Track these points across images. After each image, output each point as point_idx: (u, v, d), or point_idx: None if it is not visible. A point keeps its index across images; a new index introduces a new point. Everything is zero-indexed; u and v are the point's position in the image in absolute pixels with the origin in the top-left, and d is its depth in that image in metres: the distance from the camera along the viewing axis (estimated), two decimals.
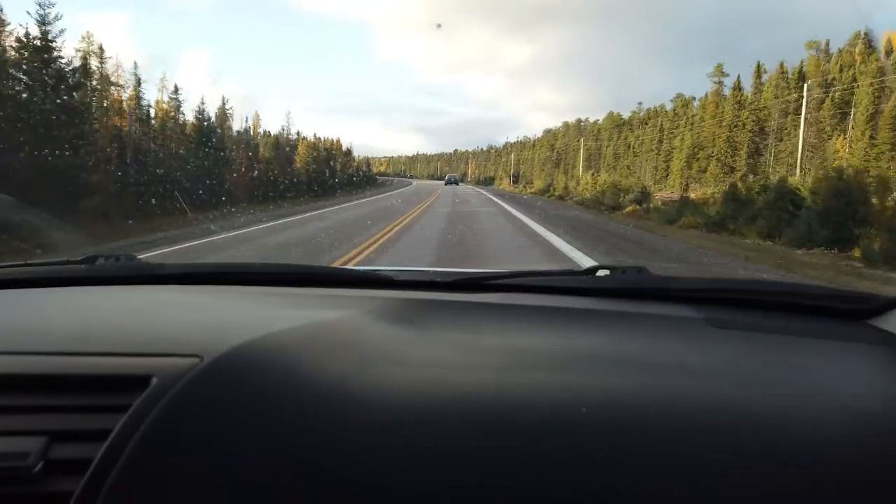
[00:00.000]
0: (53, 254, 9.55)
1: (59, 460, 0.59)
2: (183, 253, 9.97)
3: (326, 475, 0.56)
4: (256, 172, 30.94)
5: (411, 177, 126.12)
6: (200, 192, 21.55)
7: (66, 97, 18.96)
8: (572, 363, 0.78)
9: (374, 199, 32.50)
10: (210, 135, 29.16)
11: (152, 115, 28.95)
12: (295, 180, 34.92)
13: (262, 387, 0.65)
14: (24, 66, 18.49)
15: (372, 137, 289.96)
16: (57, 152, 16.36)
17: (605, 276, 1.21)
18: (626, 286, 1.17)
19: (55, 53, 18.79)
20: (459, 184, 71.16)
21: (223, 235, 12.57)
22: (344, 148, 61.85)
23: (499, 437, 0.59)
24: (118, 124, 24.48)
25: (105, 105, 25.33)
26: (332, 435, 0.60)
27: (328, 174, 43.57)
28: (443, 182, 69.51)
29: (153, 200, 17.97)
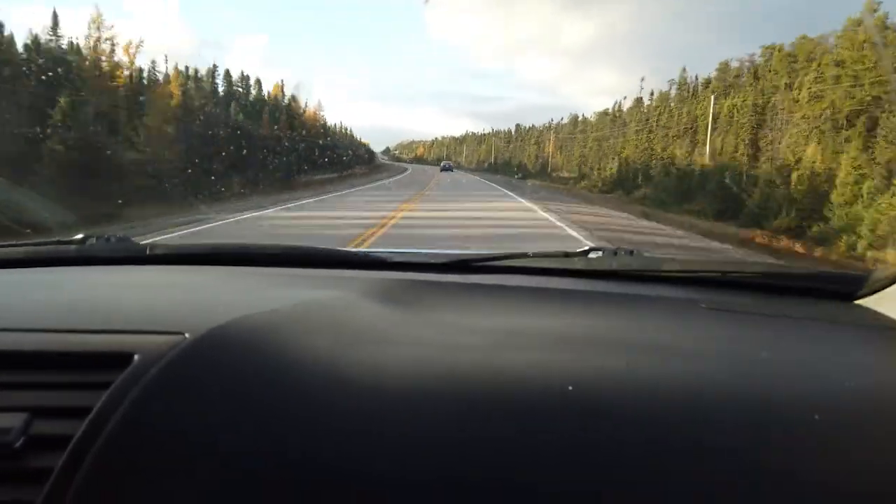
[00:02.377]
0: None
1: (40, 436, 0.59)
2: None
3: (309, 457, 0.56)
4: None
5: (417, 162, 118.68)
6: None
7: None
8: (563, 344, 0.78)
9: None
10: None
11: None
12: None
13: (246, 365, 0.65)
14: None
15: (426, 124, 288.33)
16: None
17: (598, 257, 1.21)
18: (618, 268, 1.17)
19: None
20: (453, 170, 71.31)
21: None
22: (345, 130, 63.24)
23: (488, 417, 0.59)
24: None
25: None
26: (317, 416, 0.59)
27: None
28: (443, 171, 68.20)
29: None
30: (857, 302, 1.01)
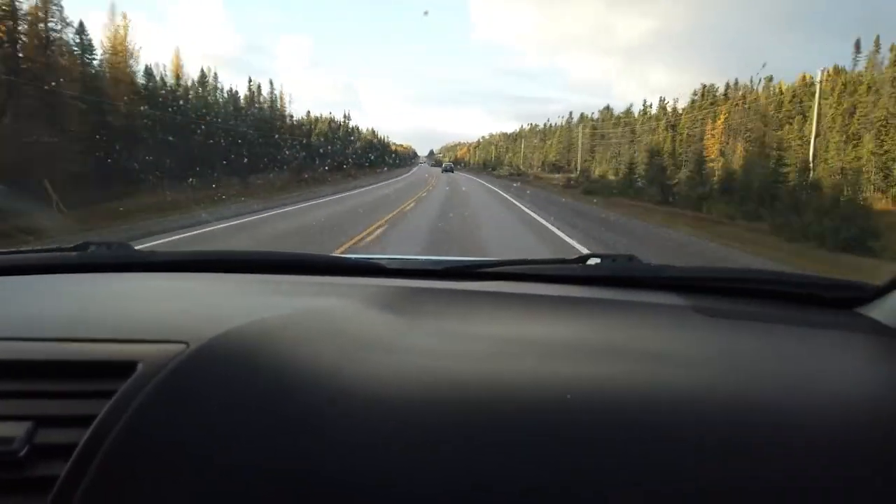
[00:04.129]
0: None
1: (44, 445, 0.59)
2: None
3: (310, 467, 0.56)
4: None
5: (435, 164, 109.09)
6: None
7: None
8: (563, 351, 0.78)
9: None
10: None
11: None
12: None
13: (248, 375, 0.65)
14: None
15: (471, 126, 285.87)
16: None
17: (596, 264, 1.21)
18: (616, 274, 1.17)
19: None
20: (453, 171, 70.67)
21: None
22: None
23: (488, 424, 0.60)
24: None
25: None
26: (317, 426, 0.59)
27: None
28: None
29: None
30: (856, 309, 1.00)
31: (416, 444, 0.58)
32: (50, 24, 21.04)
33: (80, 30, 23.27)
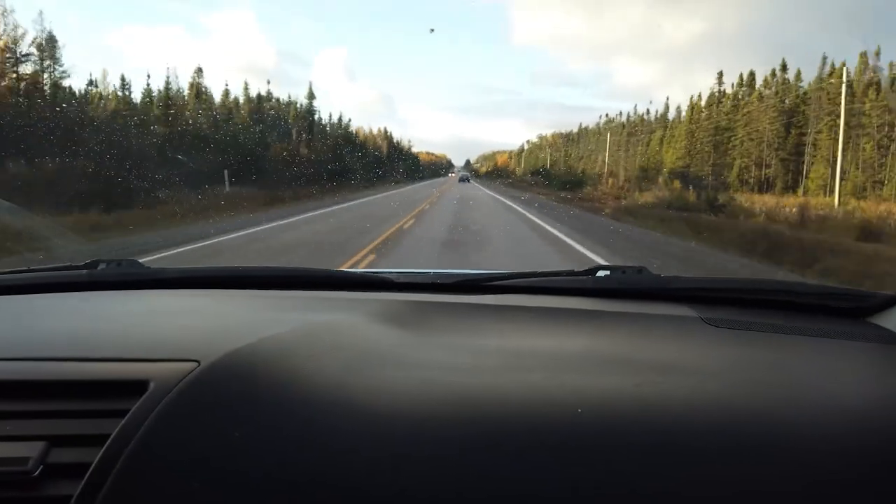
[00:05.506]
0: None
1: (57, 465, 0.59)
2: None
3: (320, 482, 0.56)
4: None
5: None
6: None
7: None
8: (571, 364, 0.78)
9: None
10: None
11: None
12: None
13: (258, 391, 0.66)
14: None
15: (510, 135, 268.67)
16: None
17: (605, 276, 1.19)
18: (626, 286, 1.16)
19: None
20: (469, 181, 70.49)
21: None
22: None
23: (498, 440, 0.59)
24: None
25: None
26: (327, 441, 0.59)
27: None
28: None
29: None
30: (867, 319, 1.01)
31: (426, 458, 0.58)
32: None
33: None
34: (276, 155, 34.65)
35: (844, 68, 33.99)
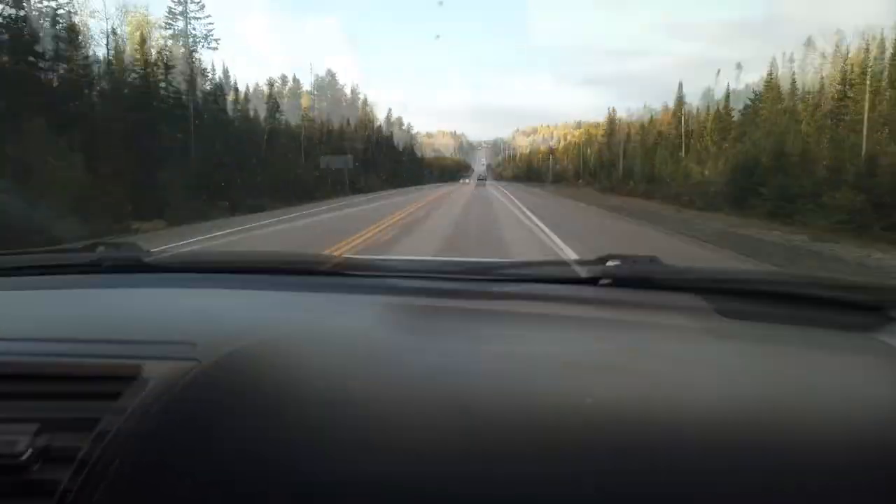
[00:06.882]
0: None
1: (48, 449, 0.58)
2: None
3: (319, 482, 0.55)
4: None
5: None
6: None
7: None
8: (581, 356, 0.77)
9: None
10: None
11: None
12: None
13: (256, 384, 0.65)
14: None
15: (533, 137, 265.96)
16: None
17: (616, 265, 1.17)
18: (638, 276, 1.14)
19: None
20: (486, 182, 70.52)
21: None
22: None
23: (504, 442, 0.57)
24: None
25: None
26: (327, 440, 0.58)
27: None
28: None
29: None
30: (889, 313, 0.97)
31: (429, 460, 0.57)
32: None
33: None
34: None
35: None
